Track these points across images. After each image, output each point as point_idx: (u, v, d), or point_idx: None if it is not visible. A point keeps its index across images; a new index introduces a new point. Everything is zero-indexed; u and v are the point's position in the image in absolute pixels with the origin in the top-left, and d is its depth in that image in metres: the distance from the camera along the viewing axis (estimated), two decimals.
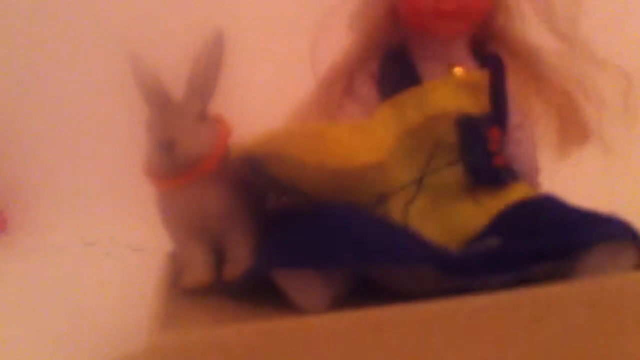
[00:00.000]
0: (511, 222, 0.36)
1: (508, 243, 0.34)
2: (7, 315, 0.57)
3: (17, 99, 0.91)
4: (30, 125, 0.91)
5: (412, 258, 0.32)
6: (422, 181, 0.38)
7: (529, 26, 0.43)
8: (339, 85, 0.44)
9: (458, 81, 0.40)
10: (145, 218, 0.40)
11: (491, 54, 0.43)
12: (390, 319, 0.31)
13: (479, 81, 0.40)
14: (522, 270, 0.33)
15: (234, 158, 0.35)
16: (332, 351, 0.31)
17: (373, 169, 0.36)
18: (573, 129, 0.44)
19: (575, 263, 0.34)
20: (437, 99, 0.39)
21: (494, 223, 0.37)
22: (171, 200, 0.37)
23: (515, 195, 0.39)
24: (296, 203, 0.36)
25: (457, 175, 0.39)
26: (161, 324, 0.32)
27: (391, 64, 0.42)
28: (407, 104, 0.39)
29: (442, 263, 0.33)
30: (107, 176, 0.87)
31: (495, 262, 0.33)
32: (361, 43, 0.44)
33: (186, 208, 0.37)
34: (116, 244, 0.75)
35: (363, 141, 0.36)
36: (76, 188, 0.89)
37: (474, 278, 0.33)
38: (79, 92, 0.89)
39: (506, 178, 0.39)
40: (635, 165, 0.68)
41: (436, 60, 0.41)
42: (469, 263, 0.33)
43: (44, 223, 0.86)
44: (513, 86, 0.43)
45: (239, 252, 0.37)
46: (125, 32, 0.82)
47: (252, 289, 0.34)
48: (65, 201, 0.88)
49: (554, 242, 0.33)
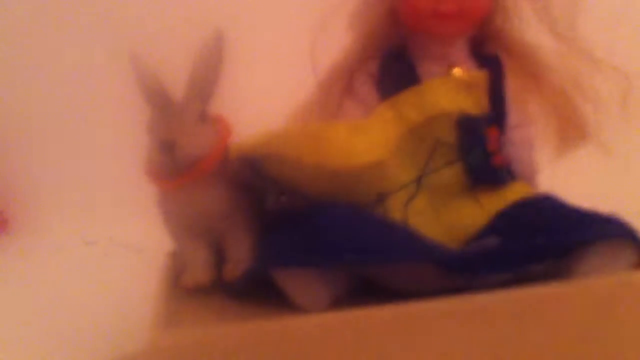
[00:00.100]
0: (510, 222, 0.36)
1: (507, 242, 0.34)
2: (7, 315, 0.57)
3: (17, 99, 0.91)
4: (30, 125, 0.91)
5: (412, 256, 0.32)
6: (421, 181, 0.38)
7: (528, 26, 0.43)
8: (339, 85, 0.44)
9: (457, 81, 0.40)
10: (145, 218, 0.40)
11: (490, 54, 0.43)
12: (390, 319, 0.31)
13: (478, 81, 0.40)
14: (522, 269, 0.33)
15: (234, 158, 0.35)
16: (333, 351, 0.31)
17: (372, 169, 0.36)
18: (571, 129, 0.44)
19: (574, 262, 0.34)
20: (437, 99, 0.39)
21: (494, 222, 0.37)
22: (172, 200, 0.37)
23: (514, 194, 0.38)
24: (296, 203, 0.36)
25: (457, 174, 0.39)
26: (161, 324, 0.32)
27: (391, 64, 0.42)
28: (407, 104, 0.39)
29: (442, 261, 0.33)
30: (108, 176, 0.86)
31: (494, 261, 0.33)
32: (361, 43, 0.44)
33: (186, 208, 0.37)
34: (116, 244, 0.74)
35: (362, 141, 0.36)
36: (76, 188, 0.88)
37: (474, 276, 0.33)
38: (79, 93, 0.89)
39: (505, 178, 0.39)
40: (633, 164, 0.68)
41: (435, 60, 0.41)
42: (469, 261, 0.33)
43: (45, 223, 0.86)
44: (512, 86, 0.42)
45: (239, 252, 0.37)
46: (125, 33, 0.82)
47: (252, 289, 0.34)
48: (65, 201, 0.88)
49: (553, 241, 0.34)
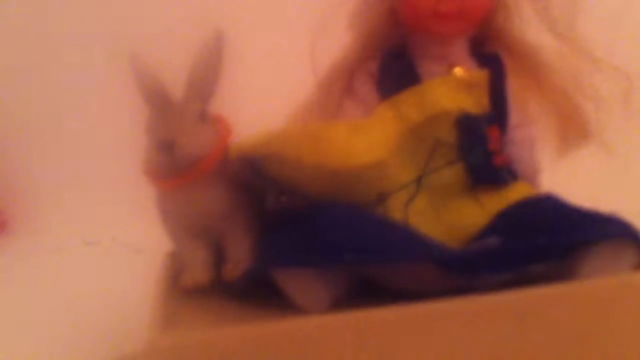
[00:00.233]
0: (511, 222, 0.36)
1: (508, 242, 0.33)
2: (7, 315, 0.56)
3: (17, 100, 0.91)
4: (30, 125, 0.91)
5: (412, 256, 0.32)
6: (422, 181, 0.38)
7: (529, 26, 0.42)
8: (339, 85, 0.44)
9: (458, 80, 0.39)
10: (145, 218, 0.40)
11: (491, 54, 0.43)
12: (390, 320, 0.31)
13: (479, 80, 0.40)
14: (523, 269, 0.33)
15: (234, 158, 0.35)
16: (333, 352, 0.31)
17: (372, 169, 0.35)
18: (573, 129, 0.43)
19: (575, 263, 0.34)
20: (437, 99, 0.38)
21: (494, 222, 0.37)
22: (171, 200, 0.37)
23: (515, 194, 0.38)
24: (296, 203, 0.35)
25: (457, 174, 0.39)
26: (160, 325, 0.32)
27: (391, 64, 0.42)
28: (407, 104, 0.39)
29: (442, 260, 0.33)
30: (108, 176, 0.86)
31: (495, 261, 0.33)
32: (361, 43, 0.44)
33: (186, 208, 0.37)
34: (116, 244, 0.74)
35: (362, 141, 0.36)
36: (76, 188, 0.88)
37: (474, 277, 0.33)
38: (79, 93, 0.89)
39: (506, 177, 0.39)
40: (635, 164, 0.68)
41: (436, 60, 0.41)
42: (469, 261, 0.33)
43: (44, 223, 0.86)
44: (513, 86, 0.42)
45: (239, 252, 0.37)
46: (125, 33, 0.82)
47: (252, 289, 0.34)
48: (65, 201, 0.88)
49: (554, 241, 0.33)
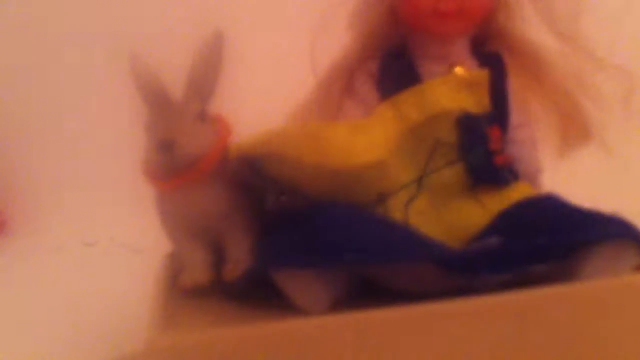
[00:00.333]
0: (512, 222, 0.36)
1: (509, 242, 0.33)
2: (7, 315, 0.56)
3: (16, 100, 0.91)
4: (29, 125, 0.91)
5: (413, 256, 0.32)
6: (422, 181, 0.38)
7: (530, 25, 0.42)
8: (339, 85, 0.44)
9: (458, 80, 0.39)
10: (144, 219, 0.40)
11: (492, 53, 0.42)
12: (390, 320, 0.31)
13: (479, 80, 0.39)
14: (523, 269, 0.33)
15: (233, 158, 0.35)
16: (333, 353, 0.31)
17: (372, 169, 0.35)
18: (574, 129, 0.43)
19: (576, 263, 0.33)
20: (437, 98, 0.38)
21: (495, 222, 0.37)
22: (170, 200, 0.37)
23: (516, 194, 0.38)
24: (296, 203, 0.35)
25: (458, 174, 0.38)
26: (160, 325, 0.32)
27: (391, 64, 0.42)
28: (407, 103, 0.38)
29: (443, 260, 0.32)
30: (107, 177, 0.86)
31: (495, 261, 0.33)
32: (361, 43, 0.44)
33: (185, 208, 0.37)
34: (115, 245, 0.74)
35: (362, 141, 0.36)
36: (76, 189, 0.88)
37: (475, 277, 0.33)
38: (79, 93, 0.89)
39: (507, 177, 0.39)
40: (636, 164, 0.68)
41: (436, 59, 0.41)
42: (470, 261, 0.33)
43: (44, 224, 0.86)
44: (514, 85, 0.42)
45: (239, 253, 0.37)
46: (125, 32, 0.82)
47: (252, 290, 0.34)
48: (64, 202, 0.88)
49: (556, 241, 0.33)
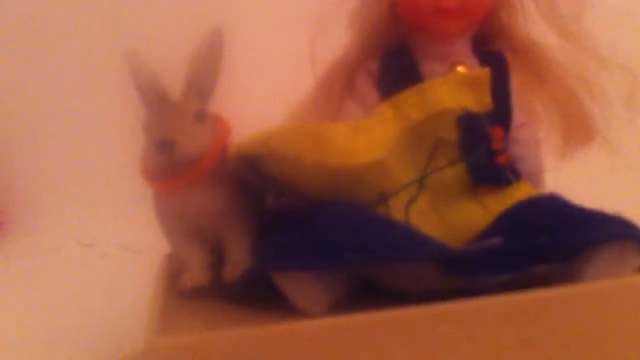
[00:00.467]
0: (514, 222, 0.36)
1: (510, 242, 0.33)
2: (5, 316, 0.56)
3: (15, 100, 0.91)
4: (28, 126, 0.91)
5: (413, 255, 0.32)
6: (423, 181, 0.38)
7: (532, 24, 0.42)
8: (339, 84, 0.43)
9: (459, 78, 0.39)
10: (142, 220, 0.40)
11: (494, 52, 0.42)
12: (390, 322, 0.31)
13: (481, 78, 0.39)
14: (524, 270, 0.33)
15: (232, 158, 0.35)
16: (332, 355, 0.30)
17: (373, 168, 0.35)
18: (577, 128, 0.43)
19: (579, 263, 0.33)
20: (438, 97, 0.38)
21: (497, 223, 0.37)
22: (169, 201, 0.37)
23: (519, 194, 0.38)
24: (296, 203, 0.35)
25: (459, 174, 0.38)
26: (159, 326, 0.32)
27: (392, 63, 0.42)
28: (408, 103, 0.38)
29: (443, 260, 0.32)
30: (104, 178, 0.86)
31: (496, 261, 0.32)
32: (361, 42, 0.43)
33: (184, 209, 0.36)
34: (113, 246, 0.74)
35: (362, 140, 0.35)
36: (73, 190, 0.88)
37: (476, 277, 0.32)
38: (76, 93, 0.89)
39: (509, 177, 0.39)
40: (639, 164, 0.68)
41: (438, 58, 0.41)
42: (470, 261, 0.32)
43: (41, 225, 0.86)
44: (516, 85, 0.42)
45: (238, 253, 0.37)
46: (123, 31, 0.82)
47: (251, 290, 0.34)
48: (62, 203, 0.88)
49: (558, 242, 0.33)
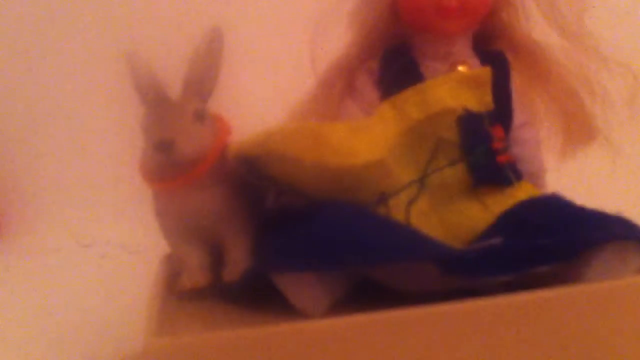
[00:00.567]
0: (516, 222, 0.36)
1: (511, 242, 0.33)
2: (5, 316, 0.56)
3: (15, 100, 0.91)
4: (27, 127, 0.91)
5: (414, 256, 0.32)
6: (424, 181, 0.38)
7: (534, 23, 0.42)
8: (339, 83, 0.43)
9: (460, 78, 0.39)
10: (141, 220, 0.40)
11: (495, 52, 0.42)
12: (390, 323, 0.31)
13: (482, 78, 0.39)
14: (525, 270, 0.33)
15: (232, 158, 0.35)
16: (332, 356, 0.30)
17: (373, 168, 0.35)
18: (578, 128, 0.43)
19: (580, 264, 0.33)
20: (439, 97, 0.38)
21: (498, 223, 0.37)
22: (168, 201, 0.37)
23: (520, 194, 0.38)
24: (295, 203, 0.35)
25: (460, 174, 0.38)
26: (158, 327, 0.32)
27: (392, 62, 0.42)
28: (408, 102, 0.38)
29: (444, 260, 0.32)
30: (104, 178, 0.86)
31: (497, 262, 0.32)
32: (361, 41, 0.43)
33: (183, 209, 0.36)
34: (112, 246, 0.74)
35: (363, 140, 0.35)
36: (73, 190, 0.88)
37: (477, 277, 0.32)
38: (76, 93, 0.89)
39: (510, 177, 0.38)
40: None
41: (438, 58, 0.41)
42: (471, 261, 0.32)
43: (41, 225, 0.86)
44: (517, 84, 0.42)
45: (238, 254, 0.37)
46: (122, 31, 0.82)
47: (251, 291, 0.34)
48: (62, 203, 0.88)
49: (559, 242, 0.33)
